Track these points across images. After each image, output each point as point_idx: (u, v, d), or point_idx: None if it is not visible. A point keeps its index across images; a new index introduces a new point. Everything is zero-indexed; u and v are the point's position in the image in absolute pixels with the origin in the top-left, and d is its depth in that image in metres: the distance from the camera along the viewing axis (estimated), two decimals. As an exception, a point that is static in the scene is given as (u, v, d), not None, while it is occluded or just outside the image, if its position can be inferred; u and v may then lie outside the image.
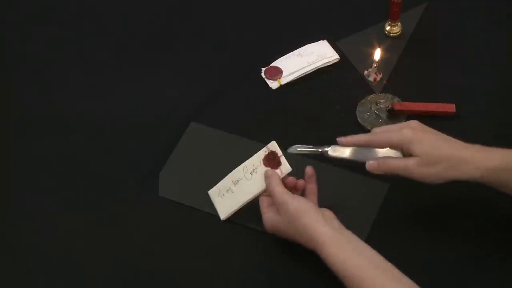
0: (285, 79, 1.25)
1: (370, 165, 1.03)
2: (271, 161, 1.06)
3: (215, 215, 1.09)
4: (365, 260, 0.92)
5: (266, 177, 1.04)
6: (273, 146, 1.07)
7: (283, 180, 1.04)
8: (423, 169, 0.98)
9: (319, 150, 1.09)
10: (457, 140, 1.00)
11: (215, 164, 1.14)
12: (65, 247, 1.09)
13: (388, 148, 1.04)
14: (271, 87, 1.25)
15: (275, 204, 1.02)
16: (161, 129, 1.21)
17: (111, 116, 1.24)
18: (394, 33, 1.29)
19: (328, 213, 0.99)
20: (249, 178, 1.07)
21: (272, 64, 1.27)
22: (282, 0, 1.39)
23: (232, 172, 1.08)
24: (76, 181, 1.16)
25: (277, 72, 1.26)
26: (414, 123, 1.02)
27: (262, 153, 1.07)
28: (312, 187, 1.05)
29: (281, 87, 1.25)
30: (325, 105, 1.22)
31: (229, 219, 1.08)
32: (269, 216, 1.03)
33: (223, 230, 1.08)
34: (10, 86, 1.31)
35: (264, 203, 1.04)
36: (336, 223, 0.98)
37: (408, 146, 0.99)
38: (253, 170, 1.06)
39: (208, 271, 1.05)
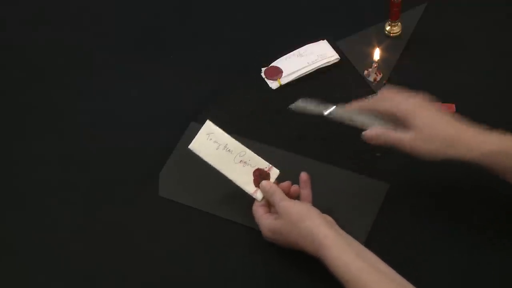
0: (285, 79, 1.25)
1: (367, 133, 1.02)
2: (261, 178, 1.06)
3: (215, 215, 1.09)
4: (368, 264, 0.91)
5: (264, 191, 1.04)
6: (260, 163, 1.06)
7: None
8: (416, 144, 0.97)
9: (323, 110, 1.07)
10: (461, 121, 0.99)
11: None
12: (65, 247, 1.09)
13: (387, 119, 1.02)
14: (271, 87, 1.25)
15: (277, 211, 1.01)
16: (161, 129, 1.21)
17: (111, 116, 1.24)
18: (394, 33, 1.29)
19: (329, 218, 0.99)
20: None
21: (272, 64, 1.27)
22: (282, 0, 1.39)
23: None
24: (76, 181, 1.16)
25: (277, 72, 1.26)
26: (421, 99, 1.01)
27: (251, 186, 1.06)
28: (306, 193, 1.04)
29: (281, 87, 1.25)
30: (325, 105, 1.22)
31: (228, 219, 1.08)
32: (267, 222, 1.02)
33: (223, 230, 1.08)
34: (10, 86, 1.31)
35: (259, 212, 1.04)
36: (336, 227, 0.98)
37: (409, 118, 0.98)
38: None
39: (208, 271, 1.05)
